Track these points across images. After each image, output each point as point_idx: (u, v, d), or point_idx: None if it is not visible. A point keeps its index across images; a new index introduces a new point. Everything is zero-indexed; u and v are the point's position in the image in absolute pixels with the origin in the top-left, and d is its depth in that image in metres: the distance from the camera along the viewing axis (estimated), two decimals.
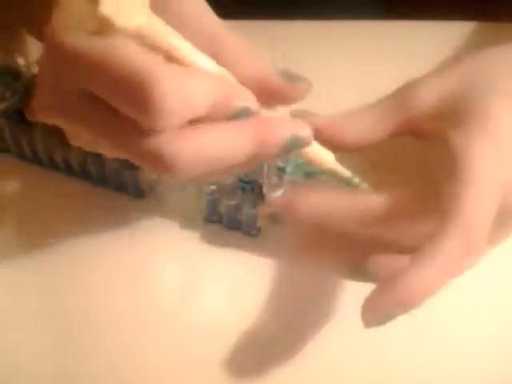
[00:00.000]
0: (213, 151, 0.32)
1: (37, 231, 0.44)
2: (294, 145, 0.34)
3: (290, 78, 0.35)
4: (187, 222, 0.44)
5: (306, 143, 0.35)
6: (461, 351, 0.41)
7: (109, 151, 0.35)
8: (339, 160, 0.39)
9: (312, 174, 0.41)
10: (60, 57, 0.31)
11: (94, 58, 0.30)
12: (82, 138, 0.35)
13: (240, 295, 0.42)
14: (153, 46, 0.31)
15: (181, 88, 0.29)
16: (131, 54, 0.30)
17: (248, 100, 0.33)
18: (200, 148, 0.32)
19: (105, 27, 0.30)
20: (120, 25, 0.30)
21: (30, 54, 0.48)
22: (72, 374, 0.40)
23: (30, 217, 0.45)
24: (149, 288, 0.42)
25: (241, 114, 0.33)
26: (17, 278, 0.42)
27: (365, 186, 0.41)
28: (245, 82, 0.34)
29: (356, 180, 0.40)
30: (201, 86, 0.31)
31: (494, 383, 0.40)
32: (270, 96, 0.34)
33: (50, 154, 0.45)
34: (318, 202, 0.39)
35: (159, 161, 0.31)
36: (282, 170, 0.42)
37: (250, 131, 0.33)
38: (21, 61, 0.45)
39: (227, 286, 0.43)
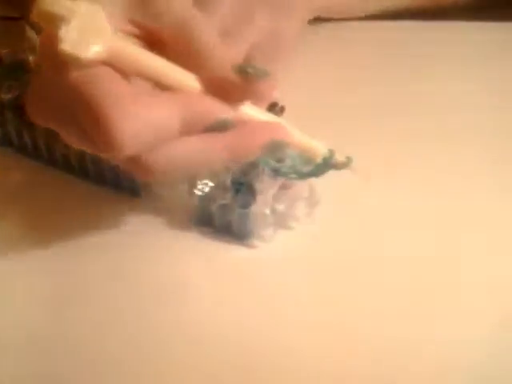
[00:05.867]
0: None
1: (31, 227, 0.44)
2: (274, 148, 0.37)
3: (251, 74, 0.34)
4: (181, 221, 0.43)
5: (286, 144, 0.37)
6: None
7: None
8: None
9: (307, 174, 0.40)
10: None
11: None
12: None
13: (231, 295, 0.41)
14: (122, 67, 0.33)
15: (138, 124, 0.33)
16: (95, 95, 0.32)
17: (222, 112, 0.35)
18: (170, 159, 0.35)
19: (71, 60, 0.32)
20: (83, 57, 0.32)
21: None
22: (62, 369, 0.38)
23: (26, 213, 0.45)
24: (142, 286, 0.41)
25: (218, 126, 0.34)
26: (13, 270, 0.42)
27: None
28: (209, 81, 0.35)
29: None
30: (162, 115, 0.33)
31: None
32: (229, 94, 0.34)
33: (50, 150, 0.45)
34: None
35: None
36: (276, 171, 0.41)
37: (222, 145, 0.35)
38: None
39: (217, 285, 0.41)
